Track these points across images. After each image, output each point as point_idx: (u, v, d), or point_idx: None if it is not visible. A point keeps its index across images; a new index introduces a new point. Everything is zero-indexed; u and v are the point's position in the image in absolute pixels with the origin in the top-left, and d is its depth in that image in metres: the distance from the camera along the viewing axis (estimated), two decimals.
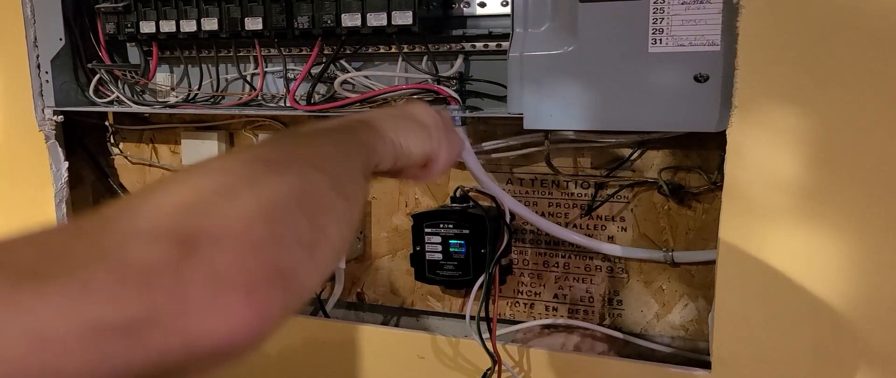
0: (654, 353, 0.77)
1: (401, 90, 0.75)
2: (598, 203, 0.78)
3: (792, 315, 0.62)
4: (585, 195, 0.79)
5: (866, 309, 0.60)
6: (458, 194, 0.82)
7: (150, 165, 1.01)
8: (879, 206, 0.58)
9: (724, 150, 0.61)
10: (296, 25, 0.75)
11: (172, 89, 0.88)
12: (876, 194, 0.58)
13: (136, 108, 0.88)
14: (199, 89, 0.87)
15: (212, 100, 0.87)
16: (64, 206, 0.93)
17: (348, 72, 0.78)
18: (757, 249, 0.62)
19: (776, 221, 0.61)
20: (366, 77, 0.78)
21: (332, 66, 0.79)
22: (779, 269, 0.62)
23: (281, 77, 0.83)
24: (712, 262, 0.66)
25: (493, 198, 0.79)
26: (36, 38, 0.88)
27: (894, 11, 0.55)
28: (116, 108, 0.90)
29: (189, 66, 0.88)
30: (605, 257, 0.79)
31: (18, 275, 0.24)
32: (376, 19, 0.72)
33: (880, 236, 0.58)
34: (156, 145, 1.00)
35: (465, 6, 0.74)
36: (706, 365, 0.68)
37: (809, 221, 0.60)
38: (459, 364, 0.79)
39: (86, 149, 1.01)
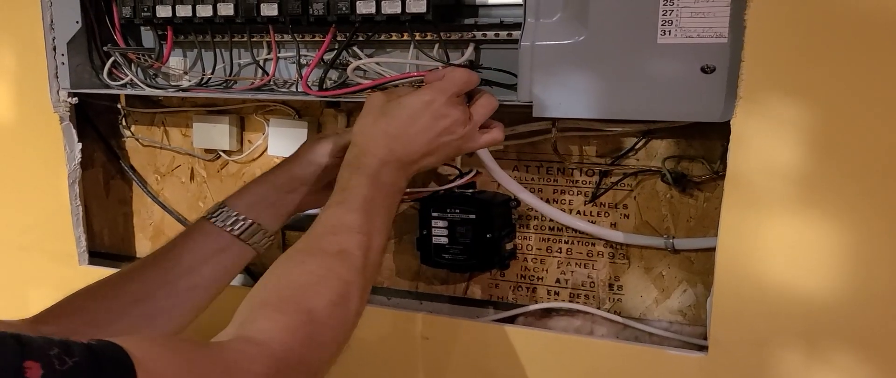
0: (653, 337, 0.80)
1: (412, 77, 0.77)
2: (603, 190, 0.80)
3: (787, 302, 0.64)
4: (590, 182, 0.81)
5: (860, 299, 0.62)
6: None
7: (160, 148, 1.02)
8: (877, 201, 0.60)
9: (727, 141, 0.63)
10: (311, 12, 0.77)
11: (185, 73, 0.90)
12: (874, 189, 0.60)
13: (149, 92, 0.90)
14: (212, 73, 0.88)
15: (224, 84, 0.88)
16: (76, 186, 0.95)
17: (360, 58, 0.80)
18: (756, 237, 0.64)
19: (776, 211, 0.63)
20: (377, 64, 0.80)
21: (344, 53, 0.80)
22: (776, 258, 0.64)
23: (294, 62, 0.85)
24: (712, 250, 0.68)
25: (499, 184, 0.81)
26: (52, 21, 0.89)
27: None
28: (130, 91, 0.92)
29: (203, 50, 0.89)
30: (607, 243, 0.82)
31: None
32: (390, 7, 0.73)
33: (876, 229, 0.61)
34: (167, 128, 1.01)
35: None
36: (703, 348, 0.71)
37: (808, 212, 0.62)
38: (463, 345, 0.81)
39: (97, 131, 1.03)
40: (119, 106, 1.02)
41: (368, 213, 0.63)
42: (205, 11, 0.81)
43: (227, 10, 0.80)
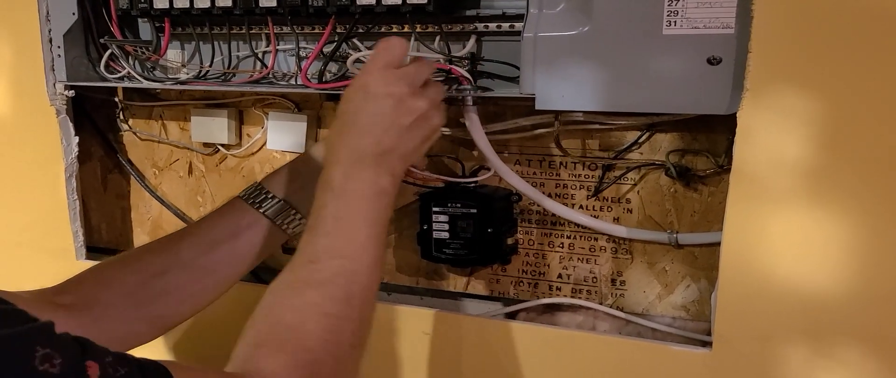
0: (656, 332, 0.79)
1: None
2: (605, 185, 0.80)
3: (793, 298, 0.63)
4: (593, 177, 0.80)
5: (867, 295, 0.61)
6: (466, 174, 0.83)
7: (158, 141, 1.01)
8: (885, 196, 0.59)
9: (732, 134, 0.63)
10: (310, 3, 0.76)
11: (183, 66, 0.89)
12: (882, 184, 0.59)
13: (146, 84, 0.89)
14: (210, 66, 0.88)
15: (223, 77, 0.87)
16: (73, 180, 0.94)
17: (361, 50, 0.79)
18: (762, 232, 0.63)
19: (782, 205, 0.62)
20: None
21: (344, 45, 0.79)
22: (782, 253, 0.63)
23: (293, 55, 0.84)
24: (716, 245, 0.68)
25: (500, 178, 0.80)
26: (48, 12, 0.88)
27: None
28: (127, 84, 0.91)
29: (201, 42, 0.88)
30: (610, 238, 0.81)
31: None
32: None
33: (884, 225, 0.60)
34: (165, 121, 1.00)
35: None
36: (707, 344, 0.70)
37: (815, 207, 0.61)
38: (463, 341, 0.81)
39: (94, 124, 1.02)
40: (116, 99, 1.01)
41: (342, 232, 0.60)
42: (203, 3, 0.80)
43: (225, 1, 0.79)
